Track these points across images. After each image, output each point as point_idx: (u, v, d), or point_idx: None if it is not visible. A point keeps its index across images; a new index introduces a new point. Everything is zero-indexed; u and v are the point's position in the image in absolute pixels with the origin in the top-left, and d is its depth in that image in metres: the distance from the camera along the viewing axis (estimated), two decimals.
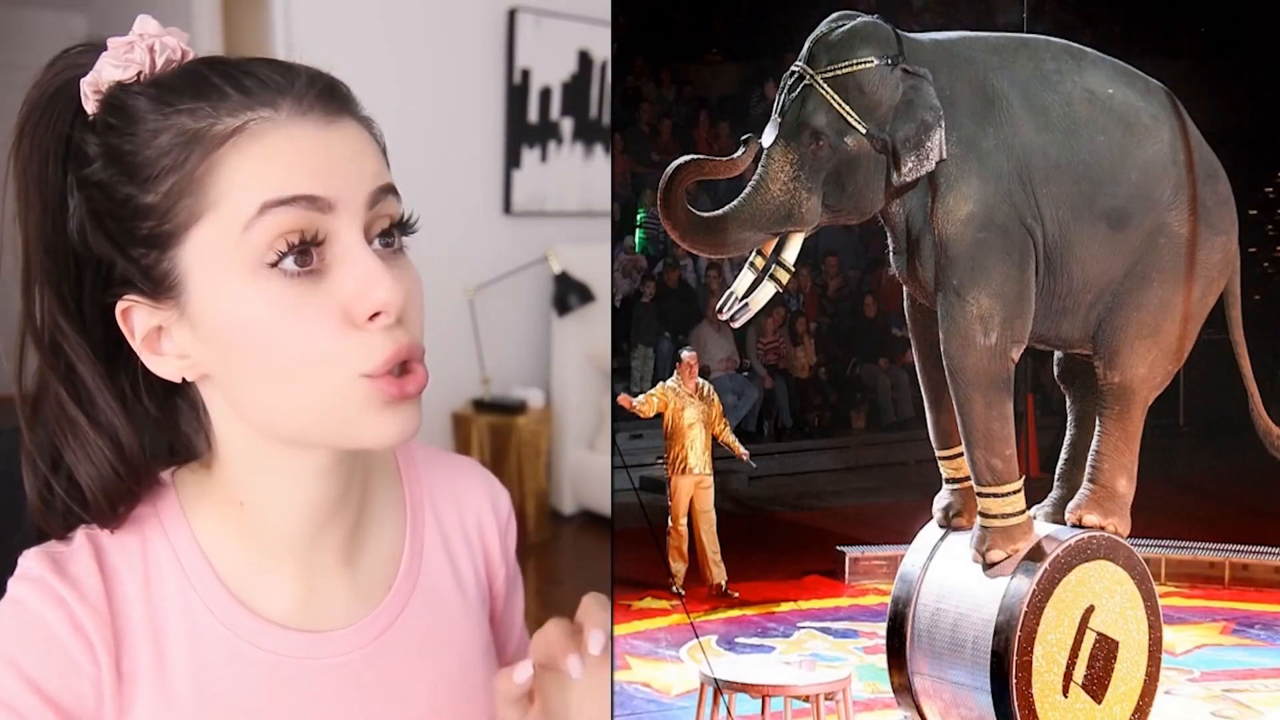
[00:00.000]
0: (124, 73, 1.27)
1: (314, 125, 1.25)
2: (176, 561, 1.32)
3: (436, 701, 1.42)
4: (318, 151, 1.24)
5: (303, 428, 1.28)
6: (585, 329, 7.06)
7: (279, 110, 1.24)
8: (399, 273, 1.27)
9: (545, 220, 7.38)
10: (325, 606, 1.37)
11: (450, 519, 1.52)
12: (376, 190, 1.27)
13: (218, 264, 1.23)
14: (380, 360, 1.23)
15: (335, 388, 1.23)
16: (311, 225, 1.22)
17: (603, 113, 7.57)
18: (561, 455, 7.12)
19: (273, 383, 1.25)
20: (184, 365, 1.29)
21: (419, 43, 6.39)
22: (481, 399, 6.85)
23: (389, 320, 1.23)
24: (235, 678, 1.30)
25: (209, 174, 1.22)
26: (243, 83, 1.24)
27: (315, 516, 1.36)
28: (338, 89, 1.30)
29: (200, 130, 1.22)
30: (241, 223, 1.21)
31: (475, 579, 1.52)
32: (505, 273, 6.77)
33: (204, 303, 1.24)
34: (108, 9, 7.84)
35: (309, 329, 1.22)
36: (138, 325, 1.28)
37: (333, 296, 1.22)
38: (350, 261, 1.23)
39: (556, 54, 7.25)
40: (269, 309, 1.21)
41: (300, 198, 1.21)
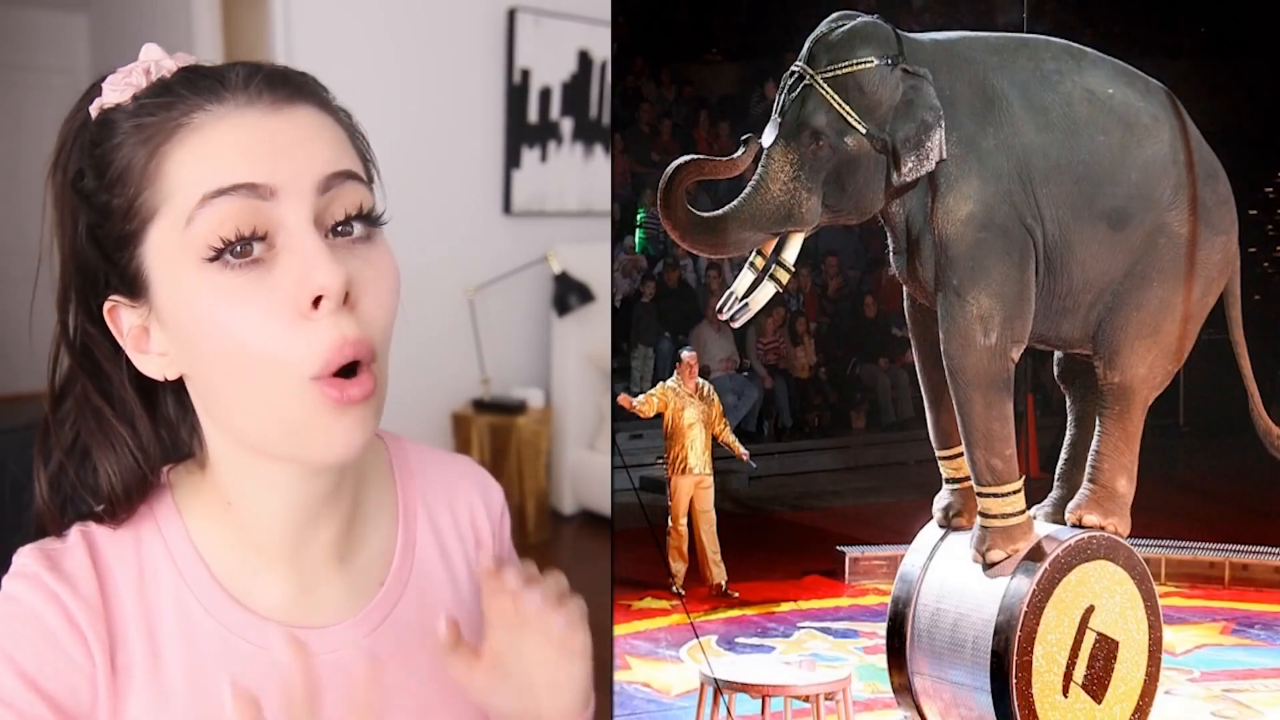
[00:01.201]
0: (121, 95, 1.29)
1: (258, 113, 1.24)
2: (170, 558, 1.33)
3: (430, 696, 1.42)
4: (259, 139, 1.23)
5: (262, 437, 1.28)
6: (585, 329, 7.05)
7: (224, 103, 1.24)
8: (362, 261, 1.25)
9: (545, 220, 7.38)
10: (318, 603, 1.38)
11: (443, 515, 1.52)
12: (329, 176, 1.25)
13: (171, 259, 1.24)
14: (323, 353, 1.21)
15: (284, 391, 1.22)
16: (252, 215, 1.21)
17: (603, 113, 7.57)
18: (561, 455, 7.11)
19: (228, 384, 1.25)
20: (164, 363, 1.30)
21: (419, 43, 6.39)
22: (481, 399, 6.85)
23: (332, 305, 1.21)
24: (227, 672, 1.30)
25: (158, 170, 1.23)
26: (197, 83, 1.26)
27: (302, 519, 1.36)
28: (291, 76, 1.29)
29: (152, 128, 1.24)
30: (184, 217, 1.21)
31: (468, 572, 1.52)
32: (505, 273, 6.77)
33: (164, 298, 1.26)
34: (108, 9, 7.85)
35: (254, 322, 1.21)
36: (123, 324, 1.30)
37: (279, 287, 1.21)
38: (294, 246, 1.22)
39: (556, 54, 7.25)
40: (214, 302, 1.21)
41: (239, 186, 1.20)
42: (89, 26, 8.40)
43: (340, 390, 1.22)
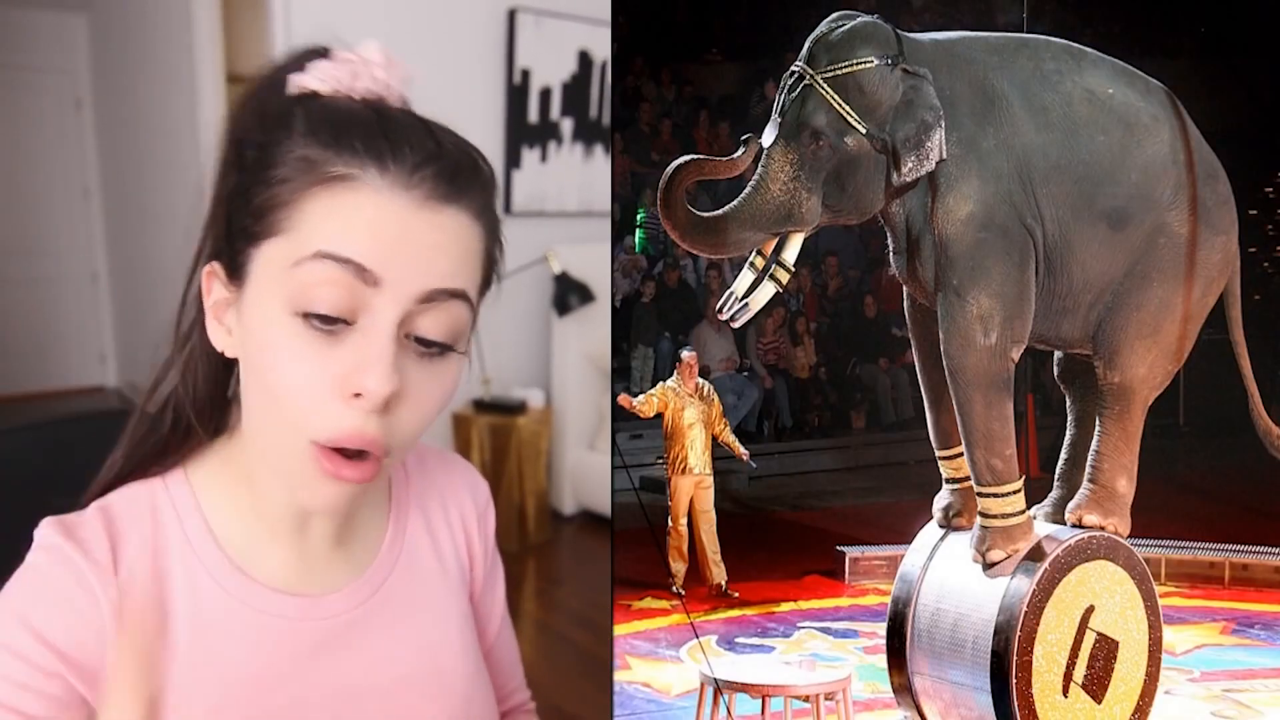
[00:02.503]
0: (321, 85, 1.36)
1: (410, 202, 1.30)
2: (181, 530, 1.43)
3: (416, 665, 1.52)
4: (397, 228, 1.29)
5: (265, 452, 1.39)
6: (585, 329, 7.06)
7: (385, 173, 1.29)
8: (425, 373, 1.33)
9: (545, 220, 7.38)
10: (316, 574, 1.48)
11: (433, 504, 1.63)
12: (436, 290, 1.31)
13: (270, 279, 1.32)
14: (332, 434, 1.30)
15: (286, 441, 1.32)
16: (349, 296, 1.27)
17: (603, 113, 7.57)
18: (561, 455, 7.12)
19: (258, 402, 1.36)
20: (229, 342, 1.39)
21: (419, 43, 6.39)
22: (481, 399, 6.85)
23: (368, 407, 1.29)
24: (230, 636, 1.41)
25: (299, 203, 1.30)
26: (373, 137, 1.31)
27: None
28: (464, 176, 1.35)
29: (315, 160, 1.30)
30: (296, 257, 1.29)
31: (456, 558, 1.63)
32: (505, 273, 6.76)
33: (249, 302, 1.35)
34: (108, 9, 7.85)
35: (300, 376, 1.29)
36: (213, 292, 1.39)
37: (334, 364, 1.29)
38: (368, 337, 1.29)
39: (556, 54, 7.25)
40: (282, 342, 1.30)
41: (351, 262, 1.27)
42: (89, 26, 8.40)
43: (335, 466, 1.31)
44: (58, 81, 8.55)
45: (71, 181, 8.50)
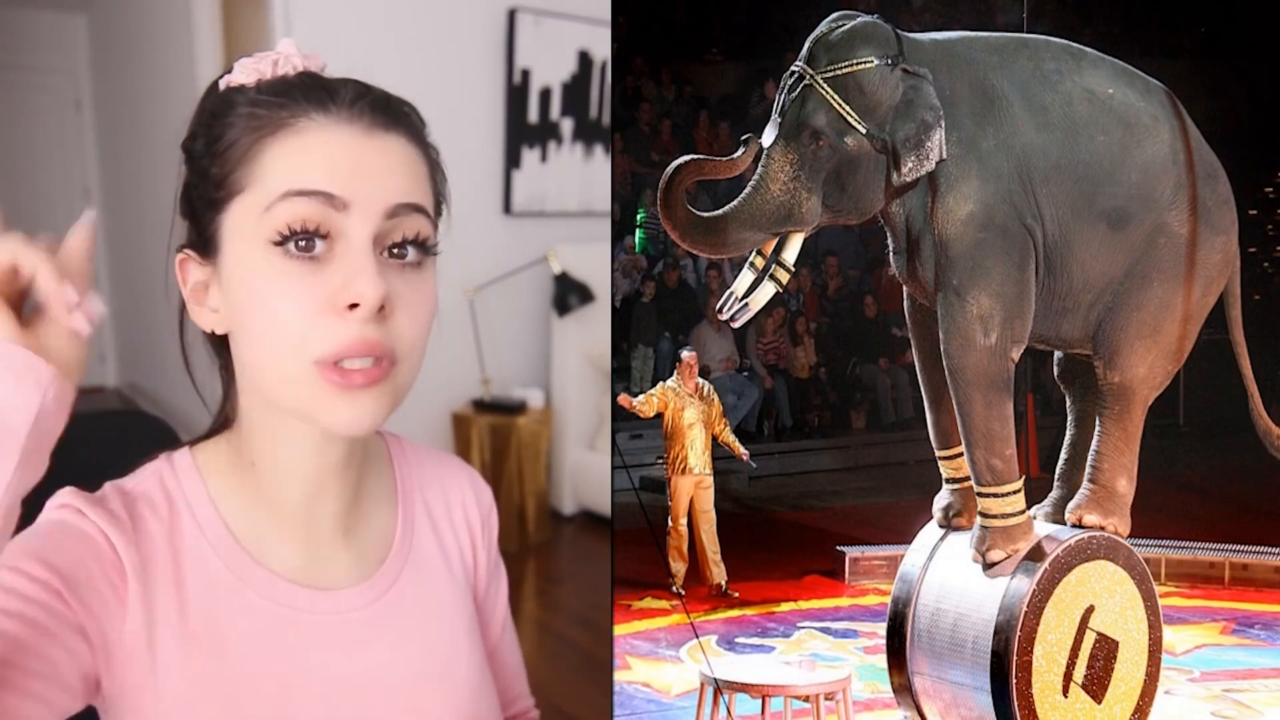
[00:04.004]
0: (246, 78, 1.44)
1: (355, 132, 1.40)
2: (193, 518, 1.47)
3: (424, 666, 1.55)
4: (348, 156, 1.38)
5: (283, 401, 1.41)
6: (585, 329, 7.05)
7: (328, 113, 1.40)
8: (406, 283, 1.39)
9: (545, 220, 7.38)
10: (325, 568, 1.52)
11: (437, 506, 1.67)
12: (398, 205, 1.40)
13: (243, 234, 1.38)
14: (331, 348, 1.34)
15: (292, 367, 1.36)
16: (321, 218, 1.35)
17: (603, 113, 7.57)
18: (561, 455, 7.11)
19: (257, 348, 1.39)
20: (215, 319, 1.45)
21: (419, 43, 6.38)
22: (481, 399, 6.85)
23: (364, 314, 1.34)
24: (242, 624, 1.44)
25: (256, 156, 1.39)
26: (310, 89, 1.41)
27: (315, 484, 1.49)
28: (392, 104, 1.45)
29: (263, 118, 1.40)
30: (265, 203, 1.36)
31: (460, 560, 1.67)
32: (505, 273, 6.76)
33: (229, 264, 1.40)
34: (108, 9, 7.85)
35: (291, 305, 1.35)
36: (190, 277, 1.45)
37: (324, 285, 1.35)
38: (349, 255, 1.36)
39: (556, 54, 7.25)
40: (267, 280, 1.36)
41: (318, 192, 1.35)
42: (89, 26, 8.40)
43: (343, 376, 1.35)
44: (58, 81, 8.55)
45: (71, 181, 8.50)
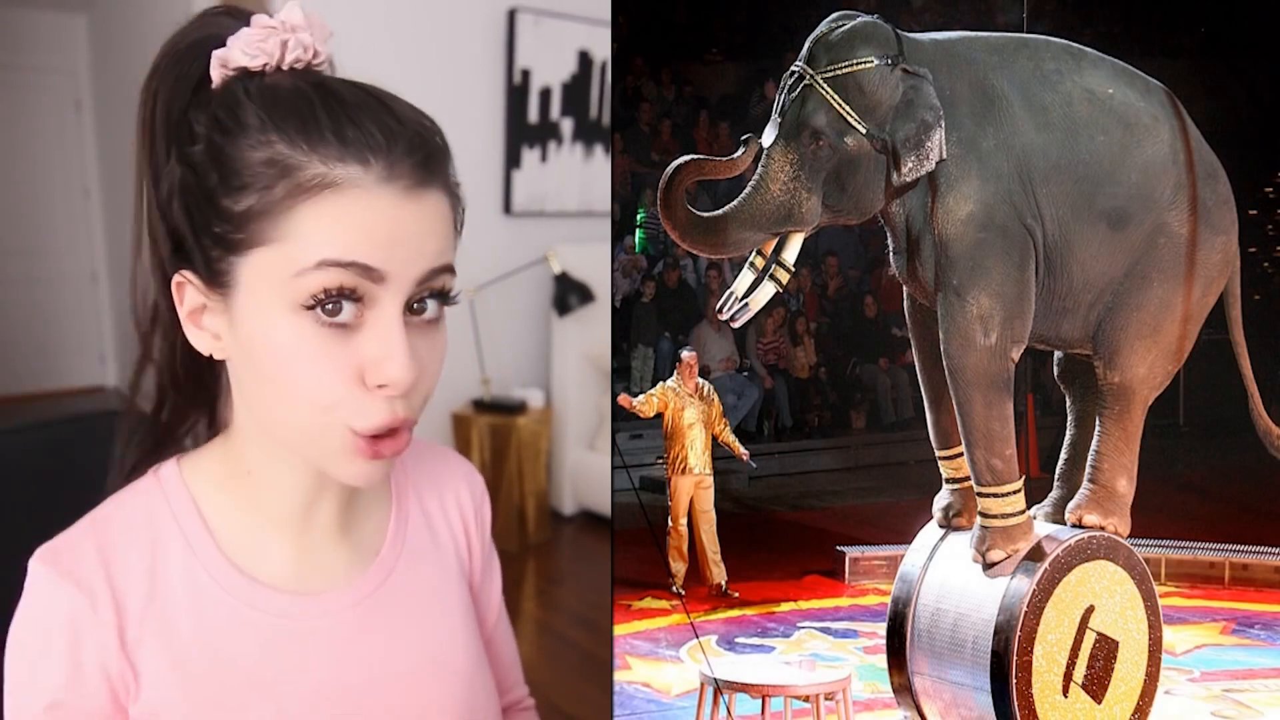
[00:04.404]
0: (252, 61, 1.33)
1: (396, 194, 1.30)
2: (180, 533, 1.43)
3: (420, 660, 1.53)
4: (389, 224, 1.29)
5: (287, 441, 1.38)
6: (585, 329, 7.06)
7: (368, 170, 1.29)
8: (424, 345, 1.35)
9: (545, 220, 7.38)
10: (318, 571, 1.48)
11: (431, 499, 1.65)
12: (431, 270, 1.34)
13: (266, 288, 1.30)
14: (371, 425, 1.32)
15: (322, 427, 1.33)
16: (355, 286, 1.29)
17: (603, 113, 7.57)
18: (561, 455, 7.12)
19: (273, 401, 1.35)
20: (216, 345, 1.38)
21: (419, 43, 6.39)
22: (481, 399, 6.85)
23: (395, 394, 1.31)
24: (234, 639, 1.41)
25: (287, 211, 1.28)
26: (344, 131, 1.29)
27: (313, 492, 1.46)
28: (434, 157, 1.35)
29: (291, 165, 1.28)
30: (297, 267, 1.28)
31: (455, 550, 1.65)
32: (505, 273, 6.77)
33: (245, 311, 1.33)
34: (108, 9, 7.85)
35: (320, 376, 1.30)
36: (187, 300, 1.37)
37: (353, 355, 1.30)
38: (380, 329, 1.30)
39: (556, 54, 7.25)
40: (294, 345, 1.30)
41: (356, 265, 1.28)
42: (89, 26, 8.40)
43: (374, 450, 1.34)
44: (58, 81, 8.55)
45: (71, 181, 8.50)
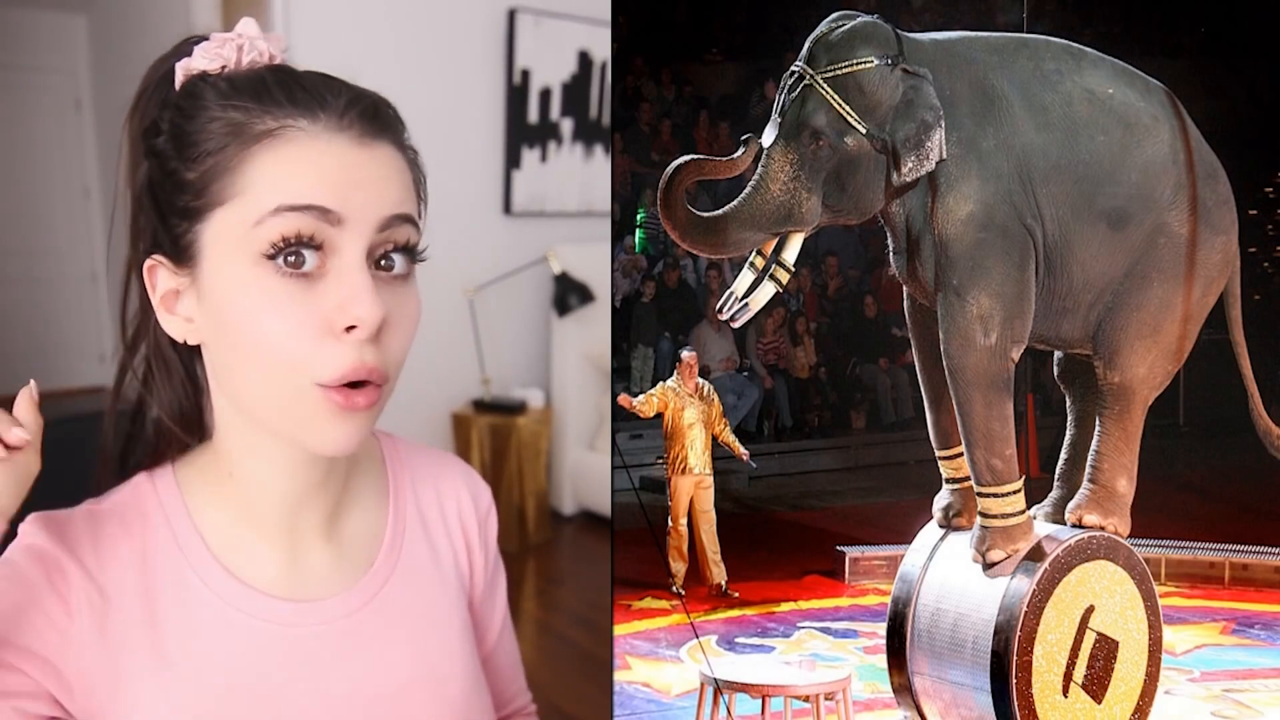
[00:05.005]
0: (210, 64, 1.39)
1: (346, 142, 1.33)
2: (172, 535, 1.43)
3: (413, 673, 1.52)
4: (342, 168, 1.32)
5: (266, 418, 1.37)
6: (585, 329, 7.05)
7: (316, 121, 1.33)
8: (396, 298, 1.35)
9: (545, 220, 7.38)
10: (309, 578, 1.47)
11: (431, 507, 1.63)
12: (390, 216, 1.35)
13: (228, 246, 1.32)
14: (336, 372, 1.31)
15: (291, 389, 1.32)
16: (314, 232, 1.30)
17: (603, 113, 7.57)
18: (561, 455, 7.11)
19: (245, 368, 1.35)
20: (189, 329, 1.39)
21: (419, 43, 6.38)
22: (481, 399, 6.84)
23: (362, 336, 1.31)
24: (223, 642, 1.41)
25: (241, 165, 1.32)
26: (293, 91, 1.34)
27: (297, 494, 1.45)
28: (382, 112, 1.39)
29: (244, 124, 1.33)
30: (256, 216, 1.30)
31: (454, 564, 1.62)
32: (505, 273, 6.76)
33: (210, 276, 1.34)
34: (108, 9, 7.85)
35: (288, 329, 1.30)
36: (159, 284, 1.39)
37: (318, 303, 1.31)
38: (343, 274, 1.31)
39: (556, 54, 7.24)
40: (258, 297, 1.31)
41: (313, 207, 1.30)
42: (89, 26, 8.39)
43: (346, 398, 1.32)
44: (58, 81, 8.54)
45: (71, 181, 8.49)
